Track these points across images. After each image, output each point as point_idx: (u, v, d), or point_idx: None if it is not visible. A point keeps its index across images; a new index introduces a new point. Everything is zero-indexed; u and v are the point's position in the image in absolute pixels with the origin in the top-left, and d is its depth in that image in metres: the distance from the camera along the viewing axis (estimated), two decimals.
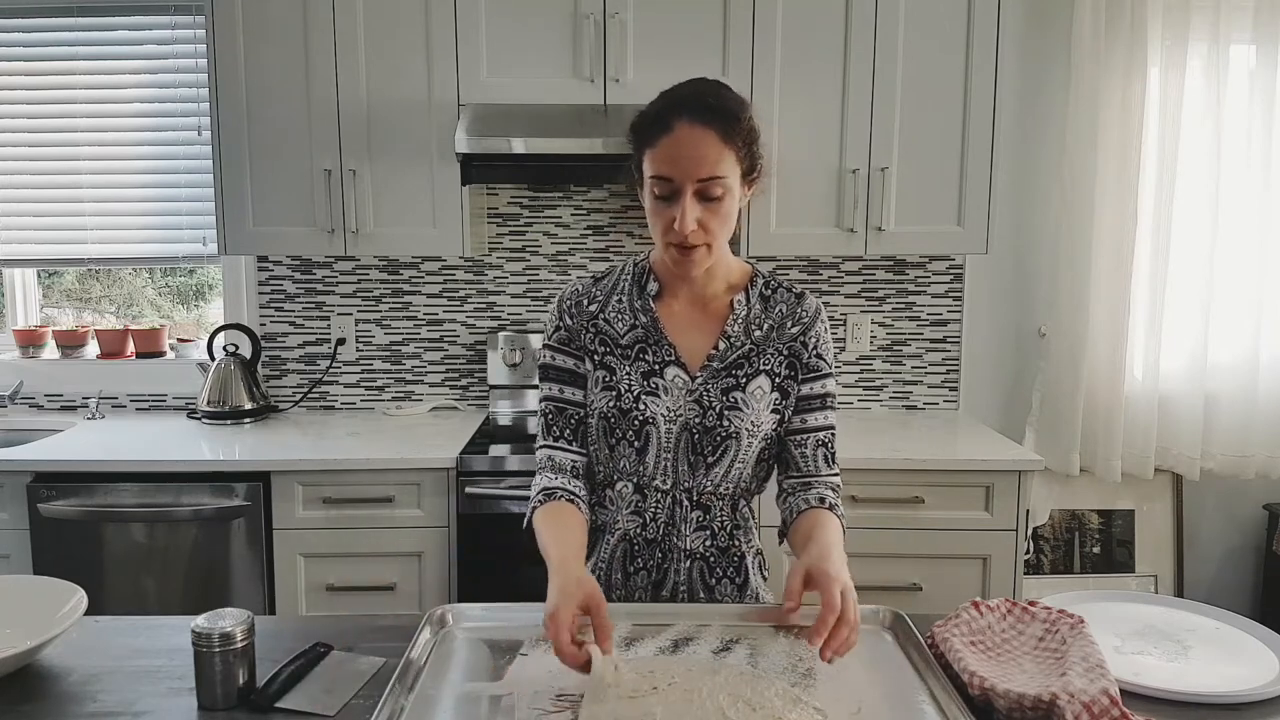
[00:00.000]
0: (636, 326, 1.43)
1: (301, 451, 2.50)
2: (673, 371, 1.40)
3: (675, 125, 1.29)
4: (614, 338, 1.43)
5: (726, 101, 1.33)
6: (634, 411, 1.39)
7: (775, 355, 1.43)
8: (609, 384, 1.41)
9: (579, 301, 1.46)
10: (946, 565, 2.44)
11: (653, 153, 1.31)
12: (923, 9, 2.55)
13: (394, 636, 1.28)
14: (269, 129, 2.60)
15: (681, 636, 1.27)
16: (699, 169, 1.29)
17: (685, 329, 1.43)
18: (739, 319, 1.43)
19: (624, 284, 1.47)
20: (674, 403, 1.40)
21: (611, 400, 1.40)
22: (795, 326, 1.45)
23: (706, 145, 1.29)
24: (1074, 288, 2.86)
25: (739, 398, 1.39)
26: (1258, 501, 3.06)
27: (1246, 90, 2.83)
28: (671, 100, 1.33)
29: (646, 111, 1.35)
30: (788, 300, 1.47)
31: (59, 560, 2.41)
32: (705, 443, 1.39)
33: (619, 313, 1.44)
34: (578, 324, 1.45)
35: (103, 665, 1.24)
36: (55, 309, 3.33)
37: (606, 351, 1.43)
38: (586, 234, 2.99)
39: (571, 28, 2.55)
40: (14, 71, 2.95)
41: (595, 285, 1.48)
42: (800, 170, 2.60)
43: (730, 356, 1.41)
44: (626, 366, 1.41)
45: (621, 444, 1.41)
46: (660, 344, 1.42)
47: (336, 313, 3.02)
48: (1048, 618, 1.25)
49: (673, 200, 1.31)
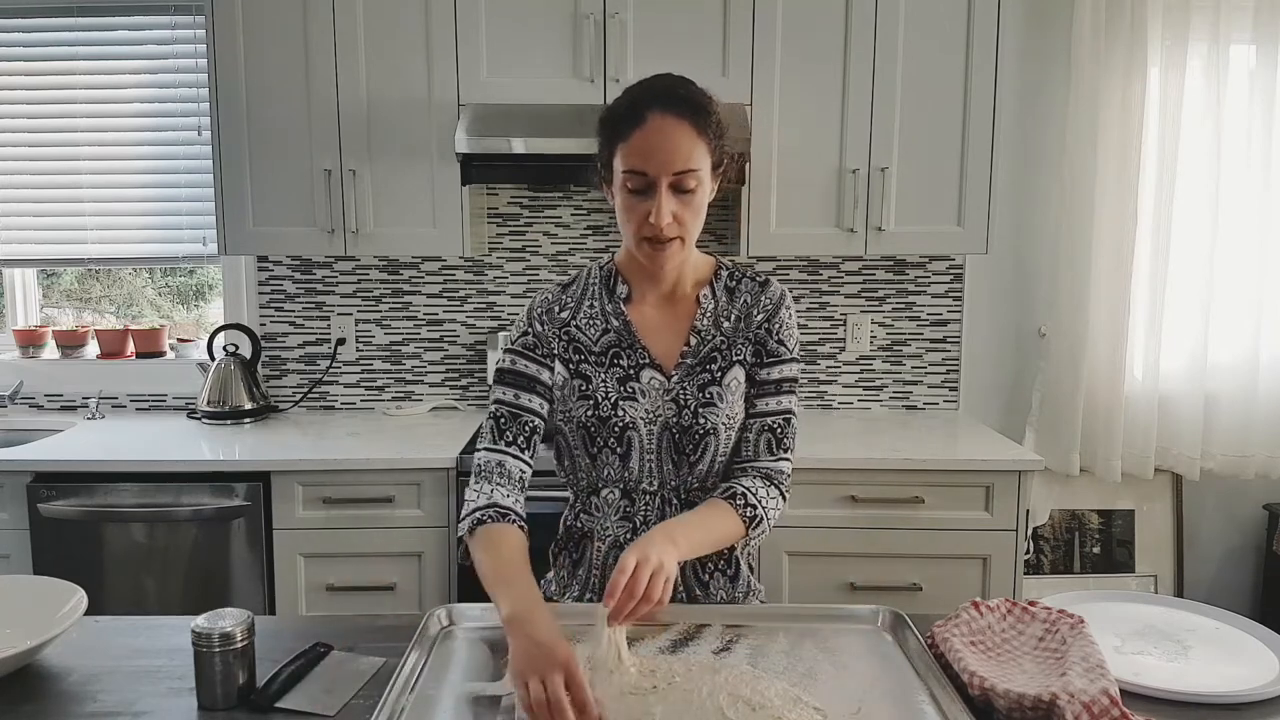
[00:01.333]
0: (609, 331, 1.42)
1: (301, 451, 2.50)
2: (648, 374, 1.40)
3: (648, 117, 1.27)
4: (587, 345, 1.42)
5: (696, 94, 1.32)
6: (613, 418, 1.38)
7: (745, 345, 1.42)
8: (585, 393, 1.40)
9: (550, 309, 1.44)
10: (946, 565, 2.44)
11: (625, 146, 1.29)
12: (923, 9, 2.55)
13: (394, 636, 1.28)
14: (269, 129, 2.60)
15: (681, 636, 1.27)
16: (674, 161, 1.27)
17: (656, 329, 1.42)
18: (706, 313, 1.42)
19: (593, 289, 1.45)
20: (652, 405, 1.39)
21: (590, 409, 1.39)
22: (760, 314, 1.43)
23: (681, 136, 1.28)
24: (1074, 288, 2.85)
25: (715, 392, 1.39)
26: (1258, 501, 3.06)
27: (1246, 90, 2.83)
28: (641, 93, 1.31)
29: (615, 106, 1.33)
30: (752, 289, 1.45)
31: (59, 560, 2.41)
32: (685, 441, 1.39)
33: (590, 319, 1.43)
34: (549, 331, 1.43)
35: (103, 665, 1.24)
36: (55, 309, 3.33)
37: (581, 359, 1.41)
38: (586, 234, 2.99)
39: (571, 28, 2.55)
40: (14, 71, 2.95)
41: (564, 292, 1.46)
42: (800, 170, 2.60)
43: (702, 351, 1.41)
44: (602, 374, 1.40)
45: (604, 451, 1.40)
46: (634, 347, 1.41)
47: (336, 313, 3.02)
48: (1048, 618, 1.25)
49: (646, 194, 1.29)
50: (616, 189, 1.33)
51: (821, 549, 2.44)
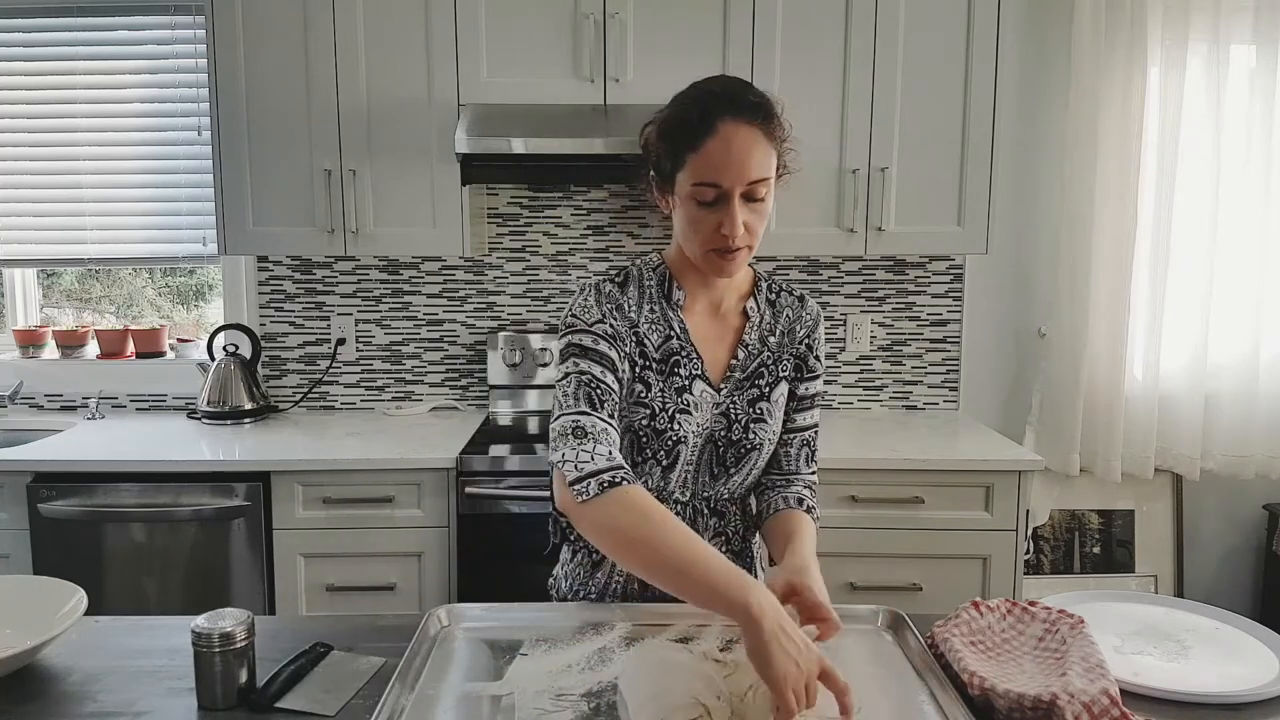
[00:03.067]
0: (671, 338, 1.36)
1: (301, 451, 2.50)
2: (700, 386, 1.36)
3: (720, 127, 1.22)
4: (650, 350, 1.35)
5: (763, 99, 1.27)
6: (669, 432, 1.33)
7: (789, 361, 1.43)
8: (642, 400, 1.34)
9: (619, 305, 1.35)
10: (946, 565, 2.44)
11: (696, 158, 1.23)
12: (923, 9, 2.55)
13: (394, 636, 1.28)
14: (269, 129, 2.60)
15: (681, 637, 1.27)
16: (748, 172, 1.22)
17: (706, 339, 1.38)
18: (755, 326, 1.41)
19: (650, 291, 1.38)
20: (703, 418, 1.36)
21: (646, 418, 1.33)
22: (803, 330, 1.44)
23: (754, 145, 1.23)
24: (1074, 288, 2.86)
25: (765, 408, 1.38)
26: (1258, 501, 3.06)
27: (1246, 90, 2.83)
28: (710, 100, 1.25)
29: (680, 113, 1.26)
30: (792, 305, 1.45)
31: (59, 560, 2.41)
32: (729, 454, 1.38)
33: (652, 323, 1.36)
34: (623, 328, 1.34)
35: (103, 665, 1.24)
36: (55, 309, 3.33)
37: (644, 365, 1.35)
38: (586, 234, 2.99)
39: (571, 28, 2.55)
40: (14, 71, 2.95)
41: (623, 291, 1.37)
42: (800, 170, 2.59)
43: (750, 366, 1.39)
44: (661, 383, 1.35)
45: (649, 462, 1.35)
46: (690, 356, 1.36)
47: (336, 313, 3.02)
48: (1048, 618, 1.25)
49: (716, 205, 1.24)
50: (681, 199, 1.27)
51: (821, 549, 2.38)
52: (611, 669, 1.17)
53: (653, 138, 1.31)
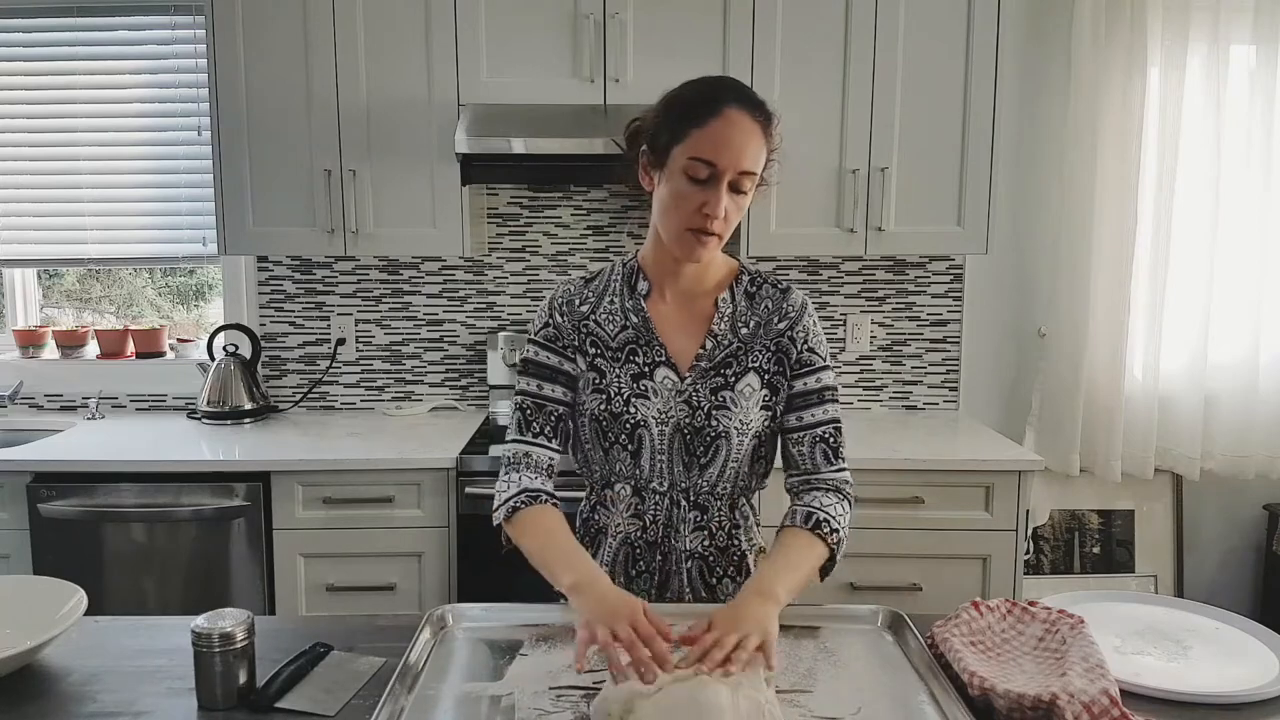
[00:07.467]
0: (628, 327, 1.42)
1: (301, 452, 2.50)
2: (662, 373, 1.39)
3: (725, 110, 1.27)
4: (605, 340, 1.42)
5: (766, 103, 1.34)
6: (625, 415, 1.39)
7: (763, 351, 1.42)
8: (599, 387, 1.40)
9: (570, 301, 1.45)
10: (946, 565, 2.44)
11: (699, 133, 1.27)
12: (923, 9, 2.55)
13: (394, 636, 1.28)
14: (269, 129, 2.60)
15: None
16: (743, 159, 1.28)
17: (674, 328, 1.42)
18: (724, 316, 1.42)
19: (614, 285, 1.45)
20: (664, 404, 1.39)
21: (602, 403, 1.40)
22: (782, 322, 1.43)
23: (753, 136, 1.29)
24: (1074, 288, 2.85)
25: (728, 397, 1.39)
26: (1258, 501, 3.06)
27: (1246, 90, 2.83)
28: (717, 88, 1.32)
29: (686, 94, 1.33)
30: (773, 296, 1.45)
31: (59, 560, 2.40)
32: (697, 443, 1.39)
33: (610, 314, 1.43)
34: (569, 323, 1.43)
35: (103, 665, 1.24)
36: (55, 309, 3.33)
37: (597, 354, 1.42)
38: (586, 234, 2.99)
39: (571, 28, 2.55)
40: (14, 71, 2.95)
41: (586, 286, 1.47)
42: (800, 170, 2.59)
43: (718, 355, 1.40)
44: (616, 369, 1.40)
45: (615, 447, 1.40)
46: (651, 344, 1.41)
47: (336, 313, 3.02)
48: (1048, 618, 1.25)
49: (705, 185, 1.28)
50: (670, 174, 1.31)
51: None
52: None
53: (656, 110, 1.35)
